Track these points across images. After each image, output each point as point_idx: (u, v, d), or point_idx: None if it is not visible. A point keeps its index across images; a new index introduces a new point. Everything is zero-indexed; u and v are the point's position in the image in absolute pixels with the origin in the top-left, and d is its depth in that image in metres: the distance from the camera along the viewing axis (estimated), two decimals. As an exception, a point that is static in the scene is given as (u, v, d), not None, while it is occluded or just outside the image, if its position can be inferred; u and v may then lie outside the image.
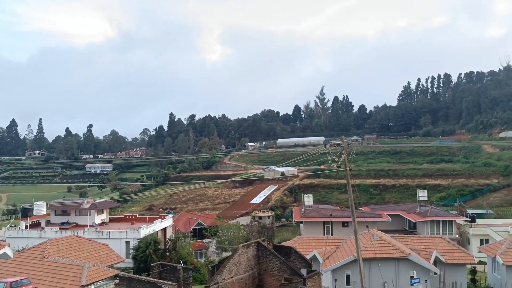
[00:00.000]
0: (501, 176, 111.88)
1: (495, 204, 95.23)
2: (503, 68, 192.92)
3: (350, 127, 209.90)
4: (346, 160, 27.85)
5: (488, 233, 55.74)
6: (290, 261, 28.10)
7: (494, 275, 38.33)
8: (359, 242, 28.89)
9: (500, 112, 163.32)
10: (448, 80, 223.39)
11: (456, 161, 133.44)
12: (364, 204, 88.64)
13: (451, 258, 36.83)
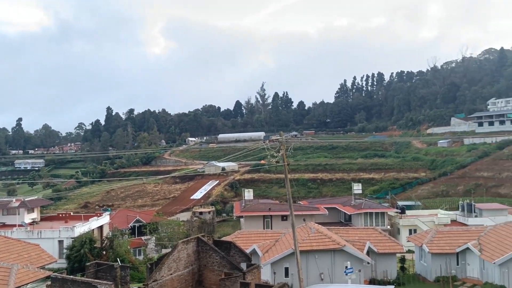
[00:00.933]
0: (428, 170, 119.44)
1: (423, 196, 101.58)
2: (430, 69, 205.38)
3: (290, 123, 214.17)
4: (285, 155, 28.49)
5: (416, 224, 59.32)
6: (230, 256, 28.35)
7: (421, 262, 41.04)
8: (297, 235, 29.72)
9: (427, 110, 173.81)
10: (381, 79, 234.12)
11: (388, 155, 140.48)
12: (302, 198, 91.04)
13: (382, 248, 38.95)
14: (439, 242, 39.27)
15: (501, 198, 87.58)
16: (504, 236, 37.55)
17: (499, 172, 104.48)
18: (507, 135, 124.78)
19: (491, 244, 37.01)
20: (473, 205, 60.44)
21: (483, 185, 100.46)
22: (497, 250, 35.60)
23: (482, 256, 36.35)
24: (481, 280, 36.66)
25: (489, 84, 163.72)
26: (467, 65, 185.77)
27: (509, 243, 35.69)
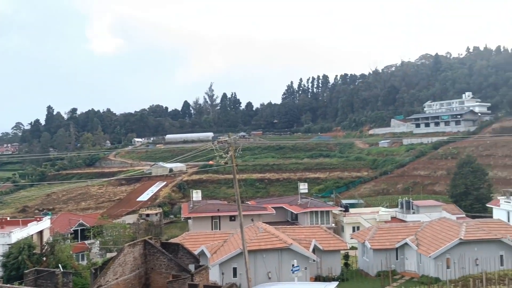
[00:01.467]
0: (370, 169, 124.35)
1: (365, 194, 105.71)
2: (372, 72, 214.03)
3: (238, 124, 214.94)
4: (233, 156, 28.78)
5: (359, 221, 61.71)
6: (178, 258, 28.20)
7: (364, 258, 42.85)
8: (245, 235, 30.11)
9: (369, 112, 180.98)
10: (326, 81, 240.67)
11: (333, 155, 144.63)
12: (250, 198, 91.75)
13: (327, 246, 40.27)
14: (380, 238, 41.20)
15: (436, 195, 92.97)
16: (438, 231, 40.12)
17: (434, 170, 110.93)
18: (441, 136, 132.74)
19: (427, 239, 39.43)
20: (411, 202, 63.85)
21: (420, 183, 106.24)
22: (432, 244, 37.99)
23: (419, 251, 38.63)
24: (418, 273, 38.92)
25: (425, 88, 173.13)
26: (405, 70, 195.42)
27: (443, 237, 38.20)
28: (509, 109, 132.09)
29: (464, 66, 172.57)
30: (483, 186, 77.48)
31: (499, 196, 65.30)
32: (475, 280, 33.20)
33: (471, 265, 36.68)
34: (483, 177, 79.06)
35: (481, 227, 39.49)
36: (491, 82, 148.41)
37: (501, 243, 37.50)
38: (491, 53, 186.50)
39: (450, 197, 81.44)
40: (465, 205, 73.77)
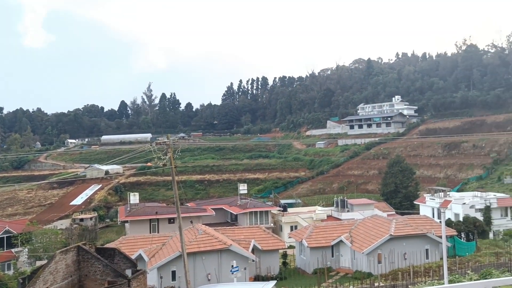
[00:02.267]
0: (307, 169, 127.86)
1: (303, 194, 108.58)
2: (309, 75, 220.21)
3: (177, 124, 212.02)
4: (172, 158, 28.47)
5: (297, 220, 63.16)
6: (114, 263, 27.40)
7: (301, 256, 44.00)
8: (184, 237, 29.89)
9: (306, 113, 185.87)
10: (266, 83, 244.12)
11: (272, 156, 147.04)
12: (190, 199, 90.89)
13: (266, 245, 40.93)
14: (316, 236, 42.54)
15: (368, 193, 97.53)
16: (370, 228, 42.15)
17: (367, 170, 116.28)
18: (373, 137, 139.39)
19: (360, 236, 41.29)
20: (346, 201, 66.39)
21: (354, 182, 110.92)
22: (365, 241, 39.84)
23: (353, 247, 40.35)
24: (352, 269, 40.62)
25: (358, 91, 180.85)
26: (340, 73, 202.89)
27: (375, 234, 40.19)
28: (434, 112, 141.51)
29: (394, 71, 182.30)
30: (411, 185, 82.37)
31: (425, 193, 69.78)
32: (403, 273, 35.26)
33: (400, 259, 38.90)
34: (411, 176, 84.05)
35: (409, 223, 41.96)
36: (417, 87, 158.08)
37: (427, 237, 40.08)
38: (418, 59, 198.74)
39: (381, 195, 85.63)
40: (395, 202, 78.05)
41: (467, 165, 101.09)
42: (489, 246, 44.51)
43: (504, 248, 41.29)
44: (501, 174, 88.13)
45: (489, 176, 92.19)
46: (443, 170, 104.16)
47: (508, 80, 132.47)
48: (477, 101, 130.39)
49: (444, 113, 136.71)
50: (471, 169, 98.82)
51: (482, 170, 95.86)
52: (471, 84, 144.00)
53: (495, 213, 55.95)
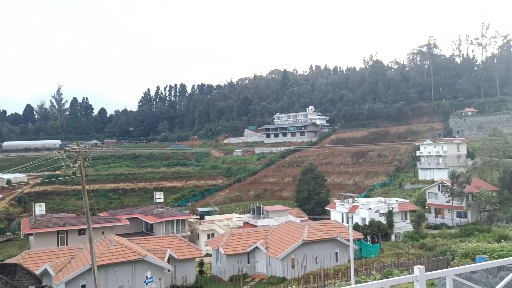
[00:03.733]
0: (224, 177, 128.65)
1: (220, 202, 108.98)
2: (227, 84, 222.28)
3: (90, 131, 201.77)
4: (82, 166, 27.21)
5: (214, 228, 63.21)
6: (16, 280, 25.46)
7: (218, 264, 44.13)
8: (95, 249, 28.61)
9: (225, 122, 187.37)
10: (184, 90, 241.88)
11: (190, 164, 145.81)
12: (102, 209, 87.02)
13: (182, 254, 40.47)
14: (233, 244, 42.98)
15: (283, 200, 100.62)
16: (285, 233, 43.56)
17: (282, 177, 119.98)
18: (288, 145, 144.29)
19: (275, 242, 42.48)
20: (262, 208, 67.82)
21: (269, 189, 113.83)
22: (279, 246, 41.07)
23: (268, 253, 41.37)
24: (267, 274, 41.59)
25: (275, 101, 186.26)
26: (257, 83, 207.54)
27: (289, 240, 41.61)
28: (344, 122, 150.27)
29: (308, 83, 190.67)
30: (323, 191, 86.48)
31: (335, 199, 73.64)
32: (315, 276, 36.90)
33: (312, 263, 40.67)
34: (323, 183, 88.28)
35: (320, 228, 44.04)
36: (329, 98, 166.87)
37: (336, 241, 42.35)
38: (330, 72, 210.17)
39: (295, 202, 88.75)
40: (308, 208, 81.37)
41: (373, 173, 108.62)
42: (391, 247, 48.06)
43: (404, 249, 44.87)
44: (402, 180, 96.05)
45: (391, 183, 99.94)
46: (351, 177, 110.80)
47: (408, 94, 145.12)
48: (382, 113, 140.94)
49: (353, 123, 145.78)
50: (376, 176, 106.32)
51: (385, 177, 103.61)
52: (377, 97, 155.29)
53: (397, 216, 60.67)
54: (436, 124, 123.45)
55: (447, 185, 68.34)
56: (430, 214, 73.12)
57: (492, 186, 69.84)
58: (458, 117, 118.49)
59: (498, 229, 50.94)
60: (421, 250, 44.06)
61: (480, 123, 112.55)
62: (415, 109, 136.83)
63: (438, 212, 72.38)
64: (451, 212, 69.43)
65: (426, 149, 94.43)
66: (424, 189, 77.50)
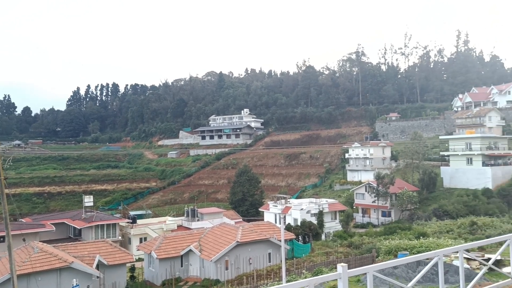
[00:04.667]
0: (158, 179, 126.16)
1: (153, 205, 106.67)
2: (162, 84, 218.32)
3: (12, 131, 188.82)
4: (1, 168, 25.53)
5: (147, 232, 61.83)
6: None
7: (150, 269, 43.23)
8: (16, 258, 26.96)
9: (159, 123, 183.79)
10: (116, 90, 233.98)
11: (122, 166, 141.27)
12: (25, 214, 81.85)
13: (113, 260, 39.16)
14: (166, 247, 42.33)
15: (218, 202, 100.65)
16: (219, 236, 43.66)
17: (217, 180, 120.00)
18: (223, 147, 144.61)
19: (209, 244, 42.44)
20: (196, 210, 67.47)
21: (204, 191, 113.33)
22: (213, 249, 41.09)
23: (201, 256, 41.22)
24: (200, 277, 41.43)
25: (210, 103, 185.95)
26: (193, 84, 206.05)
27: (223, 242, 41.77)
28: (278, 125, 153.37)
29: (243, 85, 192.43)
30: (257, 193, 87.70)
31: (269, 201, 74.96)
32: (248, 277, 37.38)
33: (246, 264, 41.14)
34: (257, 185, 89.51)
35: (254, 230, 44.65)
36: (264, 101, 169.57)
37: (269, 242, 43.17)
38: (265, 76, 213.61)
39: (230, 204, 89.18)
40: (242, 210, 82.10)
41: (305, 174, 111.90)
42: (321, 246, 49.81)
43: (333, 248, 46.74)
44: (332, 182, 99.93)
45: (322, 184, 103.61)
46: (285, 179, 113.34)
47: (338, 99, 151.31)
48: (313, 116, 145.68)
49: (286, 126, 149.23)
50: (308, 178, 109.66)
51: (317, 179, 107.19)
52: (309, 101, 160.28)
53: (327, 216, 63.03)
54: (364, 128, 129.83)
55: (373, 186, 72.10)
56: (358, 214, 76.75)
57: (413, 187, 74.77)
58: (384, 121, 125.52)
59: (418, 226, 54.51)
60: (349, 248, 46.00)
61: (403, 127, 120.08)
62: (345, 113, 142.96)
63: (365, 212, 76.17)
64: (377, 211, 73.38)
65: (354, 151, 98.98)
66: (352, 190, 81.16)
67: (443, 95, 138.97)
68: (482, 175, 73.98)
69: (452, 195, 70.42)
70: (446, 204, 64.59)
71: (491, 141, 78.92)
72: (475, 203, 63.34)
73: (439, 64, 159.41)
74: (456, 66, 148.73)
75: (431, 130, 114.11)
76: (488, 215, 56.55)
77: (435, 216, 61.16)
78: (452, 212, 60.86)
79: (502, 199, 66.75)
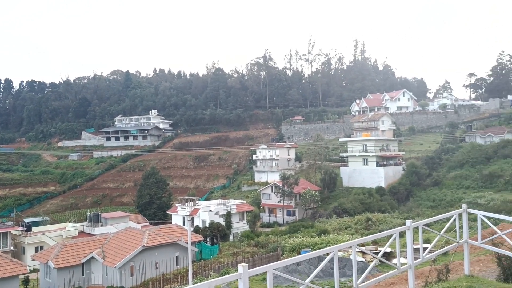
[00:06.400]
0: (58, 183, 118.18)
1: (52, 211, 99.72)
2: (63, 82, 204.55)
3: None
4: None
5: (44, 240, 57.59)
6: None
7: (46, 279, 40.43)
8: None
9: (59, 123, 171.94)
10: (10, 87, 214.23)
11: (15, 170, 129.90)
12: None
13: (2, 272, 35.98)
14: (65, 255, 39.91)
15: (124, 206, 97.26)
16: (124, 241, 42.25)
17: (123, 182, 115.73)
18: (130, 149, 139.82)
19: (113, 250, 40.87)
20: (99, 215, 64.43)
21: (109, 195, 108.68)
22: (117, 255, 39.66)
23: (105, 263, 39.56)
24: (104, 285, 39.74)
25: (116, 102, 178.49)
26: (98, 83, 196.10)
27: (128, 247, 40.51)
28: (187, 127, 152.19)
29: (152, 86, 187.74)
30: (165, 195, 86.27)
31: (177, 203, 74.16)
32: (154, 282, 36.73)
33: (152, 269, 40.33)
34: (165, 187, 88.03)
35: (161, 233, 43.94)
36: (173, 102, 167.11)
37: (177, 245, 42.79)
38: (174, 76, 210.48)
39: (136, 207, 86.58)
40: (150, 213, 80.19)
41: (214, 176, 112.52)
42: (229, 247, 50.55)
43: (240, 248, 47.72)
44: (240, 183, 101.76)
45: (231, 185, 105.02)
46: (193, 181, 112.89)
47: (247, 102, 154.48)
48: (222, 118, 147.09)
49: (195, 128, 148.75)
50: (217, 179, 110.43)
51: (225, 180, 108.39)
52: (218, 103, 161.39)
53: (235, 217, 64.05)
54: (270, 130, 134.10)
55: (279, 186, 74.81)
56: (264, 214, 79.08)
57: (316, 186, 78.99)
58: (289, 124, 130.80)
59: (319, 224, 57.72)
60: (255, 248, 47.28)
61: (307, 130, 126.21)
62: (252, 116, 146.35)
63: (271, 212, 78.73)
64: (282, 211, 76.25)
65: (261, 153, 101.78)
66: (259, 190, 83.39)
67: (343, 100, 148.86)
68: (376, 174, 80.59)
69: (350, 194, 75.60)
70: (345, 202, 69.14)
71: (384, 143, 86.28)
72: (370, 201, 68.69)
73: (339, 71, 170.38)
74: (354, 73, 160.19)
75: (332, 132, 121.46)
76: (381, 211, 61.73)
77: (335, 214, 65.18)
78: (350, 210, 65.32)
79: (393, 196, 73.29)
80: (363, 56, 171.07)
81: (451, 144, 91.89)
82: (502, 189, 64.77)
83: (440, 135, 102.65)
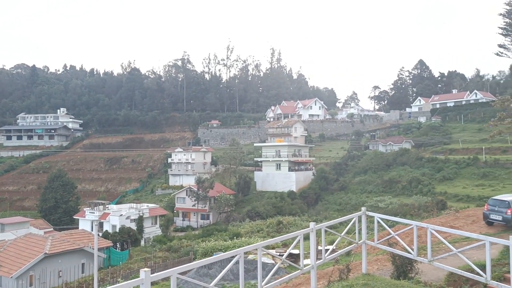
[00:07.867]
0: None
1: None
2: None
3: None
4: None
5: None
6: None
7: None
8: None
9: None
10: None
11: None
12: None
13: None
14: None
15: (25, 211, 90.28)
16: (23, 248, 39.35)
17: (25, 185, 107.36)
18: (34, 149, 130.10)
19: (10, 259, 37.87)
20: (-4, 221, 59.27)
21: (8, 199, 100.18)
22: (15, 263, 36.85)
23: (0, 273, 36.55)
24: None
25: (20, 99, 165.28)
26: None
27: (27, 255, 37.81)
28: (99, 127, 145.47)
29: (61, 83, 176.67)
30: (72, 199, 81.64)
31: (85, 207, 70.57)
32: (56, 291, 34.72)
33: (55, 277, 38.06)
34: (73, 190, 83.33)
35: (66, 239, 41.64)
36: (84, 101, 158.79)
37: (83, 251, 40.86)
38: (86, 74, 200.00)
39: (39, 212, 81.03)
40: (54, 218, 75.43)
41: (126, 179, 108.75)
42: (140, 252, 49.30)
43: (152, 253, 46.76)
44: (154, 186, 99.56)
45: (144, 189, 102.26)
46: (104, 184, 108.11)
47: (163, 104, 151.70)
48: (137, 120, 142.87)
49: (108, 129, 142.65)
50: (130, 183, 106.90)
51: (138, 183, 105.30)
52: (133, 104, 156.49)
53: (147, 221, 62.57)
54: (187, 134, 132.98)
55: (194, 190, 74.52)
56: (178, 218, 78.18)
57: (230, 190, 79.89)
58: (206, 128, 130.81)
59: (233, 227, 58.51)
60: (168, 252, 46.68)
61: (223, 134, 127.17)
62: (169, 118, 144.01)
63: (186, 216, 78.06)
64: (196, 214, 75.99)
65: (177, 156, 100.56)
66: (173, 194, 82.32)
67: (259, 106, 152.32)
68: (288, 179, 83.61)
69: (263, 198, 77.59)
70: (258, 206, 70.77)
71: (296, 149, 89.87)
72: (282, 204, 71.09)
73: (256, 77, 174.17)
74: (270, 80, 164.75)
75: (248, 137, 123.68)
76: (292, 214, 64.16)
77: (248, 217, 66.49)
78: (263, 213, 67.00)
79: (303, 200, 76.54)
80: (279, 65, 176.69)
81: (357, 151, 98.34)
82: (400, 193, 70.74)
83: (347, 143, 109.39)
